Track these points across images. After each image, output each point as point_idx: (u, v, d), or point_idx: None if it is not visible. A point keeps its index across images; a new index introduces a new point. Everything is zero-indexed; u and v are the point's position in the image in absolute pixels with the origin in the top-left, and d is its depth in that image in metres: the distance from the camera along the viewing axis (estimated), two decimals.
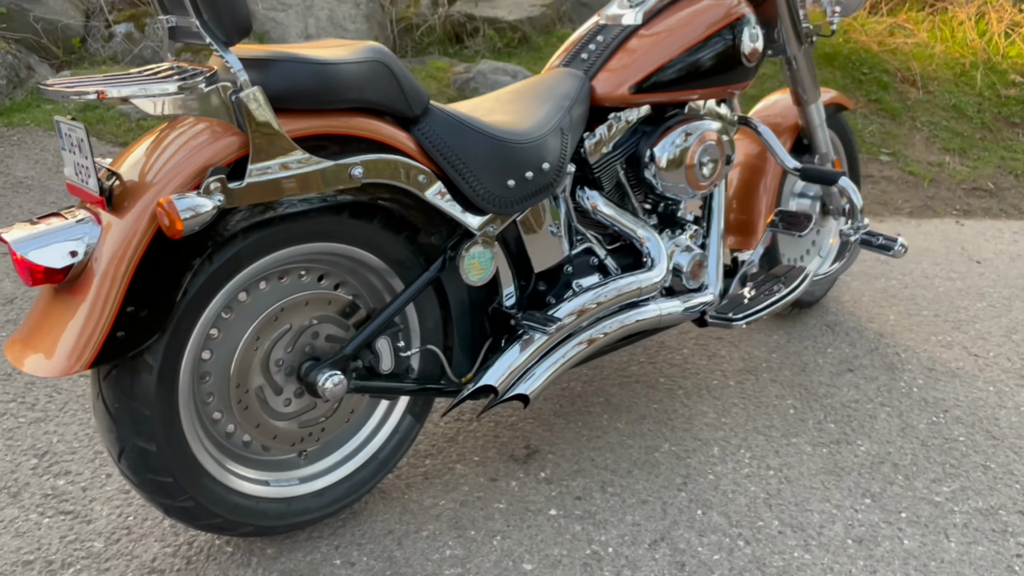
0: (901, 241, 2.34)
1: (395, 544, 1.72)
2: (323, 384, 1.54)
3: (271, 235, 1.46)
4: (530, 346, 1.75)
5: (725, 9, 1.99)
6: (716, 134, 2.00)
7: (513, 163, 1.67)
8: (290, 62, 1.41)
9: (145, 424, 1.41)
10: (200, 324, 1.43)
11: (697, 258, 2.08)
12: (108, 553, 1.64)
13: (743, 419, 2.23)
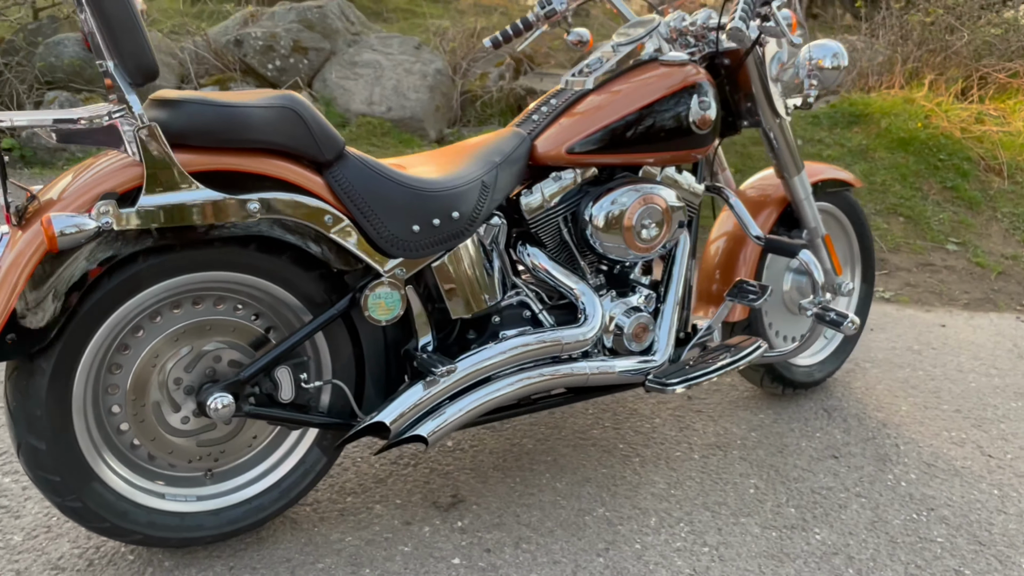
0: (851, 318, 2.22)
1: (288, 573, 1.76)
2: (211, 405, 1.63)
3: (172, 261, 1.58)
4: (432, 388, 1.78)
5: (674, 77, 2.01)
6: (660, 198, 2.00)
7: (420, 209, 1.74)
8: (194, 103, 1.55)
9: (36, 423, 1.54)
10: (97, 337, 1.55)
11: (642, 321, 2.05)
12: (23, 547, 1.76)
13: (694, 493, 2.15)
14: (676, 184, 2.11)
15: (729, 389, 2.65)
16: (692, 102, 2.00)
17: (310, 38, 4.52)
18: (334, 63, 4.44)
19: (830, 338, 2.71)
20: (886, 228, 3.94)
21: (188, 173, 1.54)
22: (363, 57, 4.36)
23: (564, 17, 2.26)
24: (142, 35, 1.48)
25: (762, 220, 2.39)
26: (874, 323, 3.16)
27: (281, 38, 4.45)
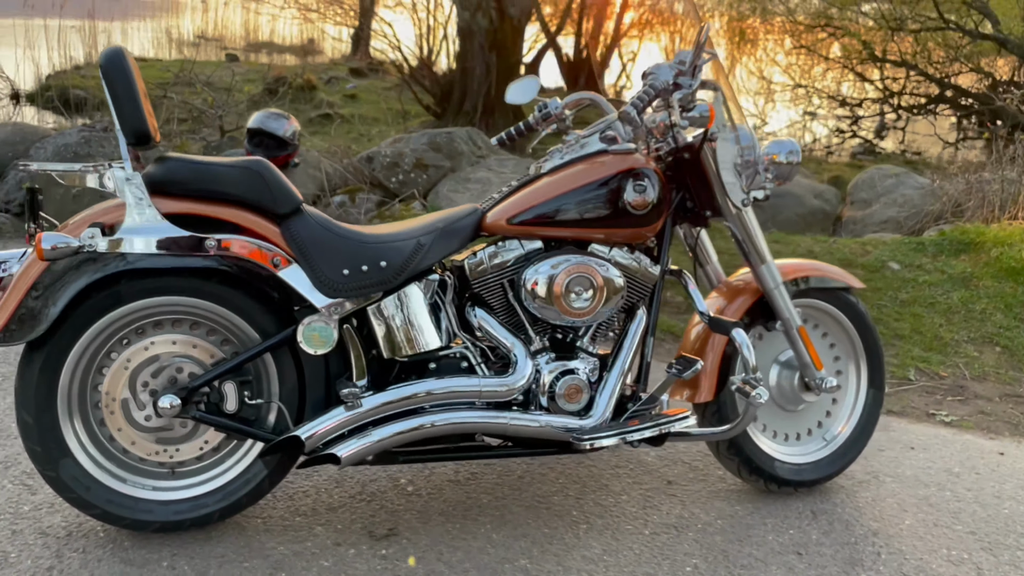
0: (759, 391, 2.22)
1: (216, 565, 2.04)
2: (161, 404, 1.99)
3: (147, 284, 2.00)
4: (350, 412, 2.04)
5: (613, 163, 2.23)
6: (593, 269, 2.18)
7: (352, 257, 2.06)
8: (175, 160, 2.00)
9: (28, 402, 1.97)
10: (82, 339, 1.98)
11: (574, 383, 2.21)
12: (26, 515, 2.19)
13: (626, 562, 2.21)
14: (624, 262, 2.27)
15: (716, 480, 2.65)
16: (628, 185, 2.20)
17: (433, 157, 5.10)
18: (449, 179, 4.96)
19: (828, 439, 2.65)
20: (976, 356, 3.72)
21: (164, 214, 1.96)
22: (477, 175, 4.85)
23: (562, 119, 2.53)
24: (139, 106, 1.95)
25: (736, 306, 2.47)
26: (918, 443, 3.01)
27: (406, 156, 5.07)
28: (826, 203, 5.06)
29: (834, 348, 2.68)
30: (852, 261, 4.38)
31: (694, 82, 2.20)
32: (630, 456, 2.75)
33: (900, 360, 3.63)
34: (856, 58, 12.01)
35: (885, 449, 2.94)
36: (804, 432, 2.67)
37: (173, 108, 5.86)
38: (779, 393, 2.59)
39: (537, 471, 2.62)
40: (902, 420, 3.18)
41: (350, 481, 2.47)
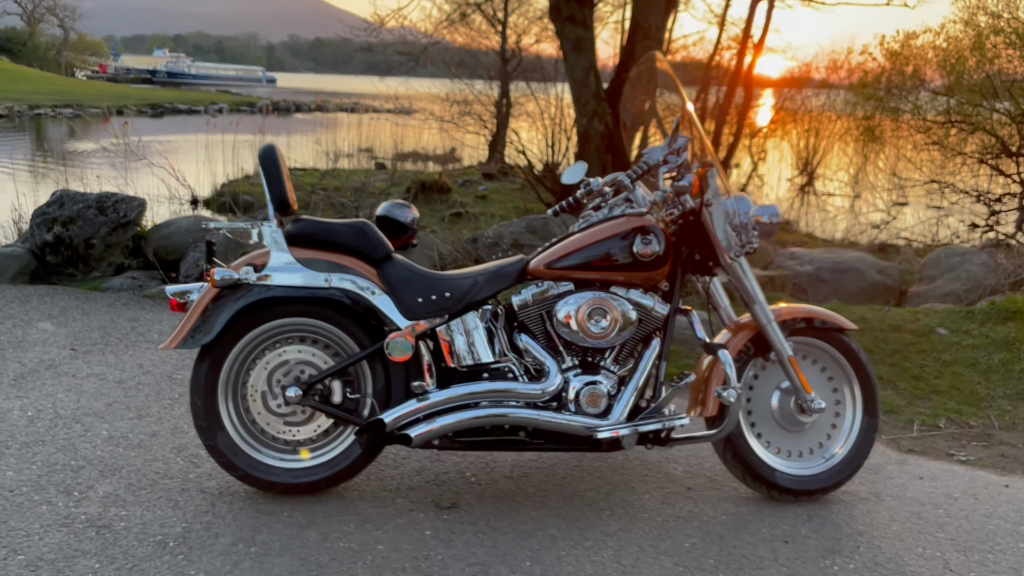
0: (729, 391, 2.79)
1: (321, 516, 2.78)
2: (287, 392, 2.78)
3: (282, 309, 2.83)
4: (420, 403, 2.77)
5: (628, 222, 2.92)
6: (609, 304, 2.85)
7: (425, 289, 2.83)
8: (305, 221, 2.85)
9: (198, 389, 2.81)
10: (237, 346, 2.82)
11: (595, 392, 2.86)
12: (192, 478, 2.98)
13: (637, 537, 2.81)
14: (638, 300, 2.93)
15: (731, 489, 3.18)
16: (636, 239, 2.88)
17: (528, 238, 5.89)
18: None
19: (827, 457, 3.14)
20: (1009, 409, 4.06)
21: (297, 259, 2.80)
22: None
23: (603, 194, 3.24)
24: (282, 183, 2.82)
25: (738, 338, 3.06)
26: (928, 474, 3.42)
27: (505, 237, 5.88)
28: (888, 278, 5.48)
29: (832, 381, 3.20)
30: (902, 327, 4.79)
31: (679, 159, 2.89)
32: (657, 467, 3.32)
33: (933, 411, 4.02)
34: (991, 153, 12.08)
35: (895, 477, 3.38)
36: (807, 451, 3.18)
37: (319, 202, 7.01)
38: (780, 414, 3.13)
39: (577, 474, 3.23)
40: (920, 458, 3.60)
41: (427, 472, 3.17)
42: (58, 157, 19.15)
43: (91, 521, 2.70)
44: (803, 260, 5.54)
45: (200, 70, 68.61)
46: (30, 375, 3.87)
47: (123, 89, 49.92)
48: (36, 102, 35.78)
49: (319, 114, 37.66)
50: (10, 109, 33.70)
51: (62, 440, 3.25)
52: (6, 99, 35.62)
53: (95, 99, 40.14)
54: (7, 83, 44.01)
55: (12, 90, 39.95)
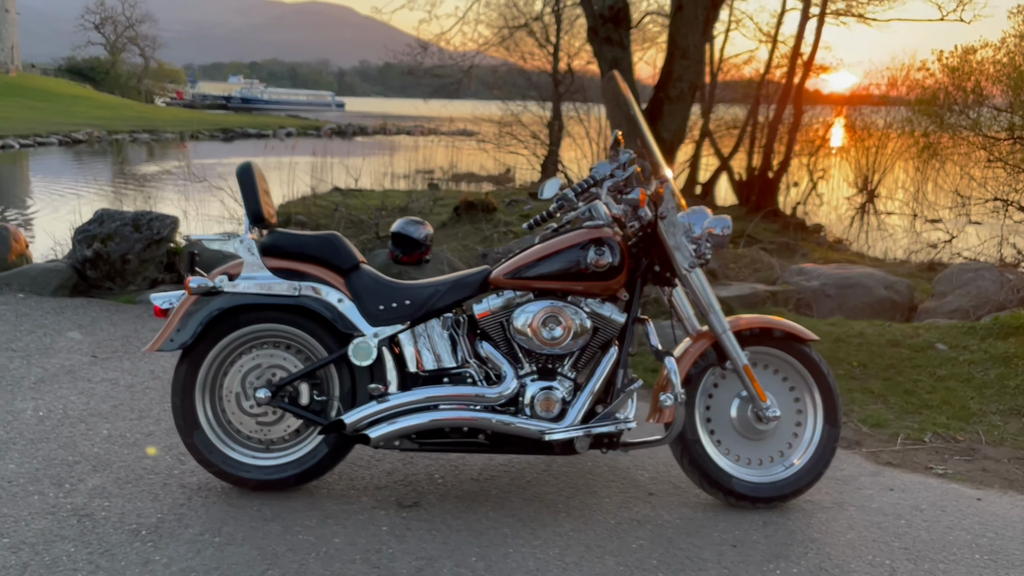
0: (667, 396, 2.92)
1: (288, 512, 2.95)
2: (255, 393, 2.97)
3: (254, 315, 3.02)
4: (379, 405, 2.92)
5: (583, 234, 3.03)
6: (563, 312, 2.97)
7: (386, 297, 3.00)
8: (278, 233, 3.04)
9: (178, 389, 3.02)
10: (214, 351, 3.02)
11: (549, 396, 2.98)
12: (176, 474, 3.18)
13: (587, 538, 2.91)
14: (594, 310, 3.03)
15: (692, 496, 3.25)
16: (590, 250, 2.99)
17: None
18: None
19: (787, 466, 3.19)
20: (999, 425, 4.01)
21: (269, 268, 2.98)
22: None
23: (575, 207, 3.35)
24: (257, 199, 3.02)
25: (696, 347, 3.14)
26: (900, 486, 3.42)
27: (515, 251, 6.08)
28: (896, 294, 5.43)
29: (793, 391, 3.24)
30: (900, 342, 4.76)
31: (625, 173, 2.99)
32: (624, 474, 3.41)
33: (920, 425, 4.01)
34: None
35: (864, 488, 3.40)
36: (767, 458, 3.22)
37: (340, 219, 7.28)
38: (739, 422, 3.19)
39: (543, 478, 3.34)
40: (897, 470, 3.60)
41: (397, 473, 3.32)
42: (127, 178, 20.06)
43: (75, 510, 2.91)
44: (810, 276, 5.53)
45: (272, 95, 70.69)
46: (50, 379, 4.15)
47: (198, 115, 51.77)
48: (114, 128, 37.33)
49: (381, 137, 38.54)
50: (90, 135, 35.23)
51: (65, 437, 3.49)
52: (87, 125, 37.25)
53: (170, 125, 41.71)
54: (89, 110, 46.07)
55: (94, 116, 41.79)
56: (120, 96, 57.46)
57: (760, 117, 17.68)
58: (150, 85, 64.17)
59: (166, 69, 68.77)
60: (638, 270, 3.14)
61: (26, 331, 4.90)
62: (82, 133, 35.27)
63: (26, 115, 39.75)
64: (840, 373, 4.47)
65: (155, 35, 66.56)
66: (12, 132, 33.73)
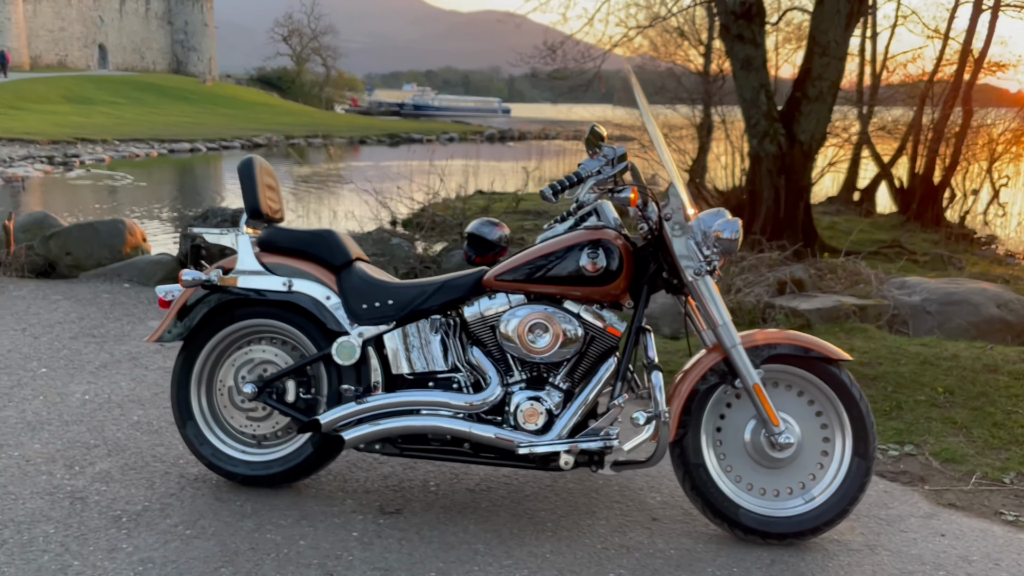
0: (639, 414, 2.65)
1: (267, 509, 2.92)
2: (242, 387, 2.95)
3: (248, 310, 3.01)
4: (357, 407, 2.83)
5: (580, 236, 2.82)
6: (552, 319, 2.77)
7: (371, 296, 2.90)
8: (274, 229, 3.02)
9: (177, 378, 3.06)
10: (210, 344, 3.03)
11: (533, 407, 2.79)
12: (178, 465, 3.23)
13: (564, 562, 2.70)
14: (589, 318, 2.81)
15: (701, 525, 2.94)
16: (583, 253, 2.77)
17: None
18: None
19: (808, 499, 2.83)
20: None
21: (264, 264, 2.96)
22: None
23: None
24: (256, 195, 3.01)
25: (705, 362, 2.84)
26: (952, 532, 2.96)
27: None
28: (1010, 313, 4.72)
29: (820, 416, 2.88)
30: (999, 368, 4.16)
31: (613, 171, 2.75)
32: (634, 495, 3.15)
33: (1003, 464, 3.48)
34: None
35: (910, 531, 2.98)
36: (784, 490, 2.88)
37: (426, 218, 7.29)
38: (753, 448, 2.86)
39: (543, 494, 3.14)
40: (959, 513, 3.13)
41: (392, 477, 3.22)
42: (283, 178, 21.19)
43: (72, 493, 3.00)
44: (912, 290, 4.94)
45: (442, 102, 72.85)
46: (112, 364, 4.35)
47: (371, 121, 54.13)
48: (292, 133, 39.67)
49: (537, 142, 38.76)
50: (269, 140, 37.56)
51: (96, 421, 3.63)
52: (268, 131, 39.76)
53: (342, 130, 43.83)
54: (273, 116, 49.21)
55: (276, 123, 44.60)
56: (303, 104, 61.01)
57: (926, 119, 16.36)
58: (330, 93, 67.75)
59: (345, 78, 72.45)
60: (644, 276, 2.89)
61: (114, 318, 5.18)
62: (262, 138, 37.67)
63: (217, 121, 42.96)
64: (920, 399, 3.97)
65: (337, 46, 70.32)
66: (202, 137, 36.51)
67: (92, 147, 31.22)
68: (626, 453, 2.87)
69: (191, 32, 66.16)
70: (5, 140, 29.60)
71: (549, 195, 2.73)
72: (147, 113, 43.81)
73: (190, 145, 34.40)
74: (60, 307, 5.45)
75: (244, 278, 2.98)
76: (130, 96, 49.68)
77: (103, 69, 60.34)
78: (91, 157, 29.35)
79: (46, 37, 57.08)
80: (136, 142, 33.41)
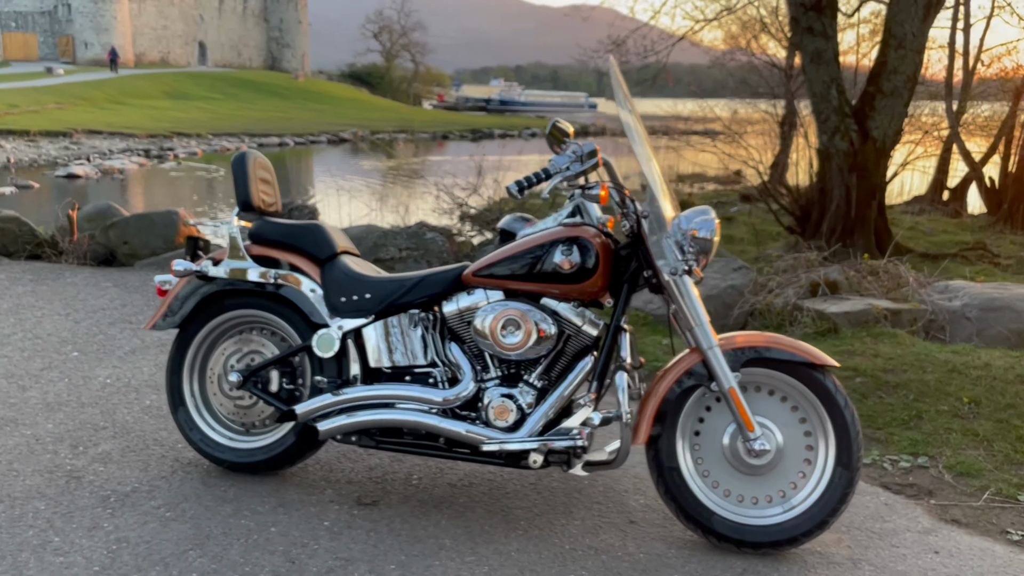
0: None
1: (249, 495, 2.99)
2: (228, 376, 3.03)
3: (238, 300, 3.09)
4: (332, 399, 2.87)
5: (555, 232, 2.79)
6: (525, 316, 2.74)
7: (349, 289, 2.93)
8: (263, 221, 3.08)
9: (170, 365, 3.16)
10: (202, 333, 3.12)
11: (504, 405, 2.77)
12: (173, 448, 3.33)
13: (527, 561, 2.68)
14: (565, 315, 2.78)
15: (680, 531, 2.87)
16: (557, 249, 2.74)
17: None
18: None
19: (788, 508, 2.74)
20: None
21: (253, 256, 3.03)
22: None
23: None
24: (247, 188, 3.08)
25: (683, 364, 2.77)
26: (948, 550, 2.81)
27: None
28: None
29: (805, 423, 2.78)
30: None
31: (582, 167, 2.70)
32: (617, 498, 3.10)
33: (1020, 480, 3.28)
34: None
35: (901, 546, 2.84)
36: (764, 498, 2.78)
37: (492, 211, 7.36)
38: (731, 453, 2.78)
39: (524, 492, 3.12)
40: (960, 531, 2.97)
41: (378, 469, 3.25)
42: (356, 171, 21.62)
43: (70, 472, 3.13)
44: (954, 294, 4.67)
45: (528, 97, 72.92)
46: (141, 350, 4.52)
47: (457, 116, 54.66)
48: (377, 128, 40.36)
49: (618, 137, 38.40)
50: (354, 134, 38.34)
51: (111, 404, 3.78)
52: (354, 126, 40.58)
53: (427, 125, 44.40)
54: (361, 112, 50.20)
55: (363, 118, 45.48)
56: (391, 100, 62.03)
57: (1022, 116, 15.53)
58: (418, 89, 68.68)
59: (433, 73, 73.32)
60: (626, 274, 2.84)
61: (154, 306, 5.37)
62: (348, 133, 38.48)
63: (306, 117, 44.10)
64: (943, 409, 3.77)
65: (427, 42, 71.17)
66: (290, 132, 37.54)
67: (186, 141, 32.54)
68: (607, 454, 2.85)
69: (285, 29, 68.09)
70: (106, 134, 31.12)
71: (514, 191, 2.70)
72: (241, 108, 45.32)
73: (279, 139, 35.45)
74: (107, 294, 5.69)
75: (232, 269, 3.05)
76: (226, 92, 51.46)
77: (202, 66, 62.67)
78: (184, 150, 30.59)
79: (149, 35, 59.62)
80: (228, 136, 34.65)
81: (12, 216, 7.04)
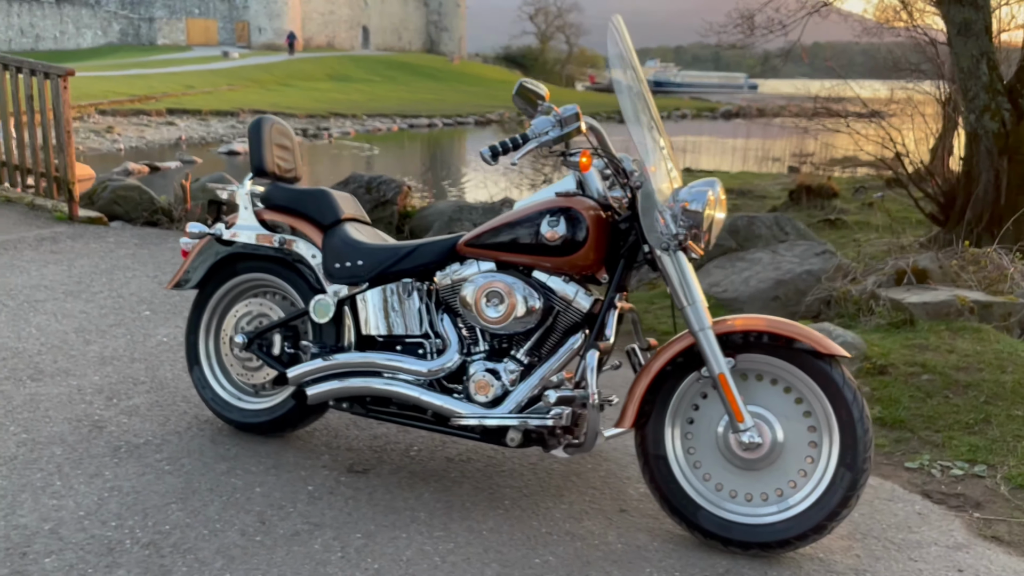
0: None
1: (249, 455, 3.04)
2: (234, 338, 3.08)
3: (249, 264, 3.14)
4: (321, 363, 2.87)
5: (548, 203, 2.65)
6: (508, 287, 2.63)
7: (344, 256, 2.90)
8: (273, 186, 3.11)
9: (189, 325, 3.25)
10: (217, 294, 3.20)
11: (485, 379, 2.68)
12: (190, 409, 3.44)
13: (497, 541, 2.59)
14: (555, 289, 2.64)
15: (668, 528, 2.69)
16: (543, 220, 2.60)
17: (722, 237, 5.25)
18: (725, 256, 5.07)
19: (784, 508, 2.51)
20: None
21: (262, 220, 3.07)
22: (755, 255, 4.87)
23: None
24: (262, 152, 3.11)
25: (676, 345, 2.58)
26: (975, 568, 2.49)
27: None
28: None
29: (809, 417, 2.52)
30: None
31: (562, 132, 2.53)
32: (613, 484, 2.95)
33: None
34: None
35: (920, 560, 2.55)
36: (760, 495, 2.56)
37: None
38: (723, 444, 2.57)
39: (518, 471, 3.01)
40: (996, 548, 2.63)
41: (382, 438, 3.23)
42: None
43: (97, 422, 3.29)
44: None
45: (685, 78, 71.21)
46: None
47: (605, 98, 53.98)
48: None
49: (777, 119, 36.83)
50: (501, 116, 38.72)
51: (157, 361, 3.95)
52: (501, 107, 40.96)
53: None
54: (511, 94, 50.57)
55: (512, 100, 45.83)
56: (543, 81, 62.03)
57: None
58: (571, 70, 68.45)
59: (587, 55, 72.79)
60: (623, 249, 2.67)
61: None
62: (495, 114, 38.91)
63: (457, 98, 44.90)
64: (1016, 414, 3.34)
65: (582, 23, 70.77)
66: (440, 113, 38.35)
67: (342, 121, 33.87)
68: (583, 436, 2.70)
69: (444, 12, 69.46)
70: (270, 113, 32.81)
71: (488, 156, 2.57)
72: (397, 90, 46.66)
73: (428, 120, 36.31)
74: None
75: (244, 233, 3.09)
76: (384, 74, 53.14)
77: (365, 49, 64.96)
78: (339, 130, 31.85)
79: (317, 20, 62.33)
80: (381, 117, 35.81)
81: (134, 185, 7.52)
